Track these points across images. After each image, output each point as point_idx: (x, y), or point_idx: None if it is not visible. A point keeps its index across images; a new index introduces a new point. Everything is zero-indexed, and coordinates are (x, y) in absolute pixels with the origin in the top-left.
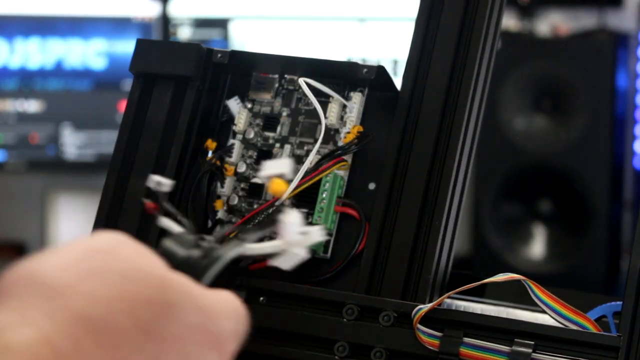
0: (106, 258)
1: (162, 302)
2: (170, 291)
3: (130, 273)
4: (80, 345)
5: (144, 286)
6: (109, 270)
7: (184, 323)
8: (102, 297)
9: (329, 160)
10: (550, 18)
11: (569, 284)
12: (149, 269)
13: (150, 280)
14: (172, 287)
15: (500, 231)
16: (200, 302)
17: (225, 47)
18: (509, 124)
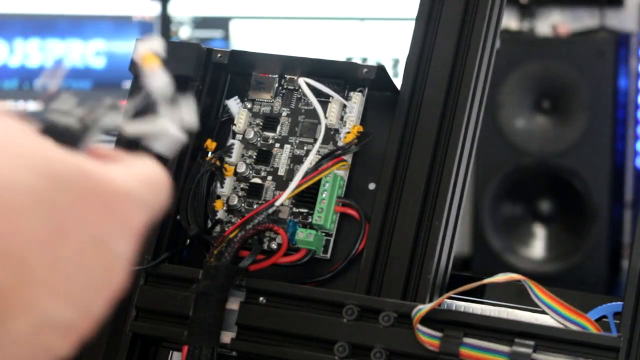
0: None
1: (51, 172)
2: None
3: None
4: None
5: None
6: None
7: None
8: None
9: (329, 160)
10: (550, 18)
11: (569, 284)
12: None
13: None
14: (60, 159)
15: (500, 231)
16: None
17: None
18: (509, 124)
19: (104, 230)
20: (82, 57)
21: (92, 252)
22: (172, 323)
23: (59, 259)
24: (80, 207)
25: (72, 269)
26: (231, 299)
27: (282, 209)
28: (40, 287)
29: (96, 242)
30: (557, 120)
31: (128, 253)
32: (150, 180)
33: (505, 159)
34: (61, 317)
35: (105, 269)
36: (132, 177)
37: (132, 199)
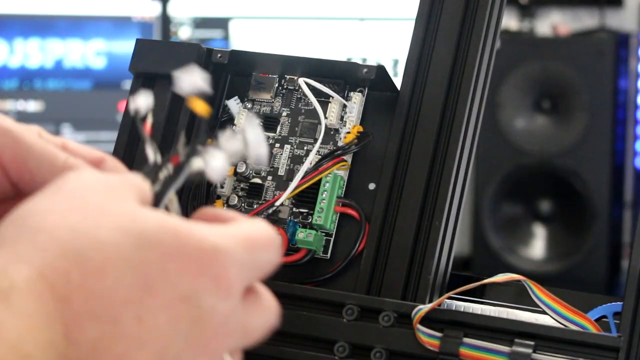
0: (84, 195)
1: (137, 233)
2: (144, 223)
3: (106, 207)
4: (70, 277)
5: (119, 219)
6: (87, 206)
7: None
8: (83, 230)
9: (329, 160)
10: (550, 18)
11: (569, 284)
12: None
13: (124, 213)
14: (146, 220)
15: (500, 231)
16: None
17: (225, 47)
18: (509, 124)
19: (193, 288)
20: (82, 57)
21: (181, 309)
22: None
23: (147, 315)
24: (167, 265)
25: (161, 324)
26: None
27: (282, 209)
28: (130, 342)
29: (185, 300)
30: (557, 120)
31: (221, 309)
32: (252, 239)
33: (505, 159)
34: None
35: (196, 325)
36: (228, 235)
37: (226, 258)
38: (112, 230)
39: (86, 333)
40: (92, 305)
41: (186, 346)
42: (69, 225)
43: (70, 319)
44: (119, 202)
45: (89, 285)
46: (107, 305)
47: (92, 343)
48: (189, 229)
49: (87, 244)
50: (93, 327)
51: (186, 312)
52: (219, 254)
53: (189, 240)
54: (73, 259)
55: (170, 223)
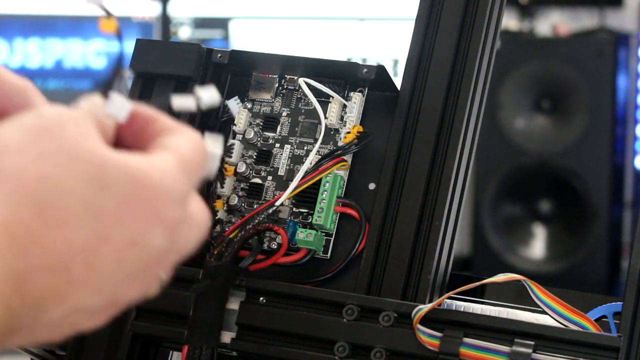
0: (54, 138)
1: (101, 180)
2: (109, 169)
3: (74, 153)
4: (30, 228)
5: (86, 165)
6: (57, 151)
7: (121, 199)
8: (50, 179)
9: (329, 160)
10: (550, 18)
11: (569, 284)
12: (92, 149)
13: (92, 159)
14: (111, 165)
15: (500, 231)
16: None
17: (225, 47)
18: (509, 124)
19: (142, 230)
20: (82, 57)
21: (129, 252)
22: (172, 323)
23: (96, 261)
24: (122, 213)
25: (108, 268)
26: (231, 299)
27: (282, 209)
28: (76, 284)
29: (134, 243)
30: (557, 120)
31: (164, 245)
32: (191, 164)
33: (505, 159)
34: (91, 305)
35: (140, 264)
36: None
37: (175, 196)
38: (77, 179)
39: (37, 284)
40: (48, 257)
41: (129, 282)
42: (37, 173)
43: (25, 271)
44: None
45: (48, 238)
46: (62, 256)
47: (41, 293)
48: (147, 172)
49: (53, 194)
50: (45, 279)
51: (134, 254)
52: (170, 196)
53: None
54: (36, 210)
55: (131, 167)
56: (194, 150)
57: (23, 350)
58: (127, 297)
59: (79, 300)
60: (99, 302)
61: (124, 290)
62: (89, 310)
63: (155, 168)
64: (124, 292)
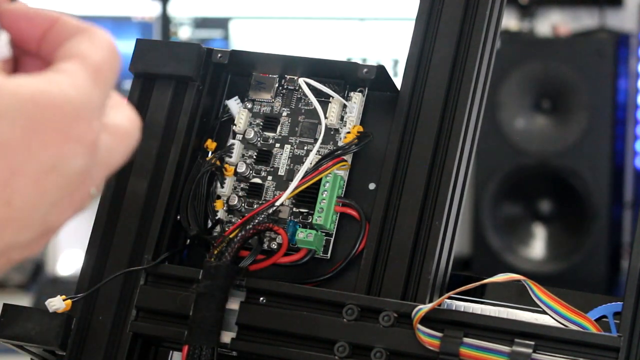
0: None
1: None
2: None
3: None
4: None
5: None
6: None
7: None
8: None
9: (329, 160)
10: (550, 18)
11: (569, 284)
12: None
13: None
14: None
15: (500, 231)
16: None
17: (225, 47)
18: (509, 124)
19: (56, 154)
20: None
21: (48, 179)
22: (172, 323)
23: (12, 197)
24: (27, 141)
25: (29, 200)
26: (231, 299)
27: (282, 209)
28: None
29: (50, 169)
30: (557, 120)
31: (85, 163)
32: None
33: (505, 159)
34: (20, 239)
35: (64, 188)
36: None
37: (88, 110)
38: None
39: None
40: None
41: (56, 208)
42: None
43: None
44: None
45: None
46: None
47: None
48: (46, 91)
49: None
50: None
51: (54, 181)
52: (80, 111)
53: (49, 106)
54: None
55: (26, 91)
56: (103, 53)
57: (23, 351)
58: (59, 221)
59: (4, 240)
60: (29, 235)
61: (53, 217)
62: (20, 246)
63: (57, 85)
64: (54, 218)
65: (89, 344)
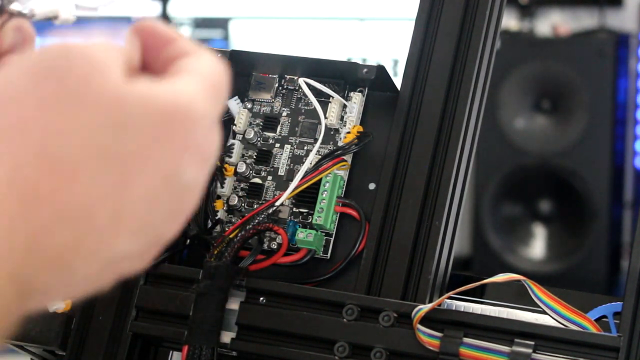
0: (59, 82)
1: (118, 122)
2: (126, 108)
3: (84, 96)
4: (39, 184)
5: (98, 109)
6: (63, 96)
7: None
8: (56, 129)
9: (329, 160)
10: (550, 18)
11: (569, 284)
12: (104, 89)
13: (105, 101)
14: (128, 104)
15: (500, 231)
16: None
17: (225, 47)
18: (509, 124)
19: (176, 165)
20: None
21: (164, 190)
22: (172, 323)
23: (124, 207)
24: (148, 151)
25: (141, 209)
26: (231, 299)
27: (282, 209)
28: (106, 235)
29: (167, 180)
30: (557, 120)
31: (200, 178)
32: (216, 86)
33: (505, 159)
34: (131, 250)
35: (177, 200)
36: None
37: (207, 121)
38: (89, 127)
39: (55, 238)
40: (63, 210)
41: (166, 219)
42: (42, 124)
43: (38, 228)
44: (98, 81)
45: (60, 193)
46: (80, 207)
47: (63, 246)
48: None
49: (60, 146)
50: (64, 231)
51: (168, 190)
52: (201, 122)
53: (173, 117)
54: (43, 165)
55: (153, 99)
56: (216, 71)
57: (23, 351)
58: (169, 233)
59: (112, 250)
60: (138, 246)
61: (164, 228)
62: (129, 256)
63: (182, 94)
64: (165, 229)
65: (89, 344)
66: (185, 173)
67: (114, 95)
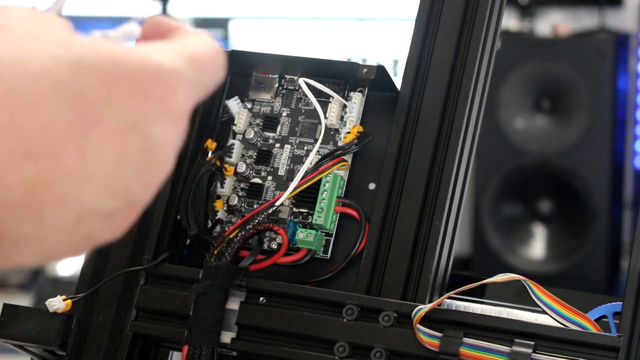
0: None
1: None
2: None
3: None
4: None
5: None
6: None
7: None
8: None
9: (329, 160)
10: (550, 18)
11: (569, 284)
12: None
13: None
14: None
15: (500, 231)
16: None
17: (225, 47)
18: (509, 124)
19: (140, 115)
20: None
21: (129, 139)
22: (172, 323)
23: (91, 148)
24: (111, 93)
25: (107, 157)
26: (231, 299)
27: (282, 209)
28: (74, 179)
29: (132, 128)
30: (557, 120)
31: (171, 136)
32: (197, 57)
33: (505, 159)
34: (101, 206)
35: (146, 155)
36: (175, 55)
37: (172, 79)
38: (47, 58)
39: (21, 174)
40: (26, 143)
41: (137, 177)
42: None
43: (2, 161)
44: (50, 30)
45: (23, 123)
46: (44, 141)
47: (29, 183)
48: (129, 50)
49: (19, 75)
50: (29, 166)
51: (135, 141)
52: (164, 74)
53: (130, 62)
54: (3, 94)
55: (108, 46)
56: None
57: (23, 350)
58: (143, 194)
59: (85, 200)
60: (112, 203)
61: (136, 187)
62: (102, 214)
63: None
64: (138, 188)
65: (89, 344)
66: (153, 127)
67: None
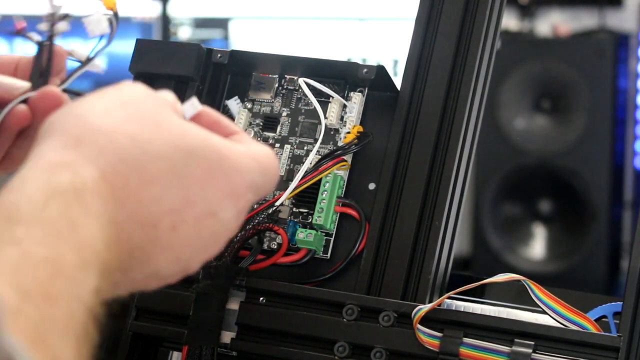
0: (137, 106)
1: (186, 147)
2: (192, 138)
3: (158, 120)
4: (128, 181)
5: (170, 132)
6: (141, 117)
7: (204, 169)
8: (140, 139)
9: (329, 160)
10: (550, 18)
11: (569, 284)
12: (172, 119)
13: (175, 128)
14: (194, 136)
15: (500, 231)
16: (220, 151)
17: (225, 47)
18: (509, 124)
19: (222, 205)
20: None
21: (207, 222)
22: (172, 323)
23: (181, 225)
24: (206, 180)
25: (188, 234)
26: (231, 299)
27: (282, 209)
28: (161, 246)
29: (212, 215)
30: (557, 120)
31: (234, 226)
32: (264, 163)
33: (505, 159)
34: (166, 271)
35: (213, 237)
36: (251, 156)
37: (248, 176)
38: (165, 144)
39: (130, 237)
40: (140, 211)
41: (199, 253)
42: (128, 132)
43: (122, 222)
44: (167, 115)
45: (142, 193)
46: (152, 213)
47: (134, 246)
48: (229, 148)
49: (144, 153)
50: (137, 232)
51: (210, 225)
52: (248, 176)
53: (229, 160)
54: (132, 165)
55: (214, 140)
56: (268, 156)
57: None
58: (197, 264)
59: (159, 265)
60: (174, 269)
61: (196, 258)
62: (163, 276)
63: (234, 148)
64: (195, 260)
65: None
66: (226, 216)
67: (180, 125)
